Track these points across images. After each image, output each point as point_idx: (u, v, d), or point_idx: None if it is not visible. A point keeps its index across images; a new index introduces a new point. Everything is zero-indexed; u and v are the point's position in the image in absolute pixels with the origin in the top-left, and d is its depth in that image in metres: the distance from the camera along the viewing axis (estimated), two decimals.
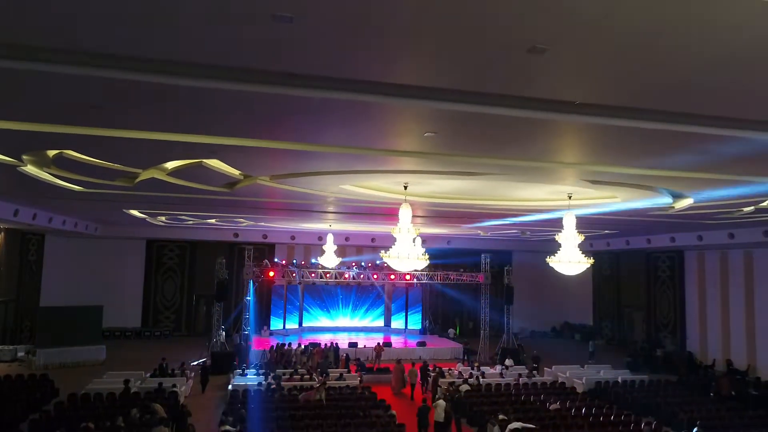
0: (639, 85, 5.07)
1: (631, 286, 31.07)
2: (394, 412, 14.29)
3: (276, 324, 29.66)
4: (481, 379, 18.63)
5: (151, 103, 6.01)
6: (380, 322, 31.94)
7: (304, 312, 31.00)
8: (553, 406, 15.06)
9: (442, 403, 13.93)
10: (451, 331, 29.79)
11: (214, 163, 9.64)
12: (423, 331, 30.66)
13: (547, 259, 12.90)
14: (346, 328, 30.80)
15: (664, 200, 12.61)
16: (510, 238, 29.63)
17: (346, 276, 27.31)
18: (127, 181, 11.75)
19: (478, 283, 26.43)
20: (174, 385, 15.98)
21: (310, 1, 3.55)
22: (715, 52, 4.17)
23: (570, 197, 12.84)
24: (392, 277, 27.02)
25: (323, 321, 31.08)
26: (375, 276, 27.25)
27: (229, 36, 4.19)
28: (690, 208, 13.77)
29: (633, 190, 11.74)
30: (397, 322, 31.96)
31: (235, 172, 10.74)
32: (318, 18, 3.80)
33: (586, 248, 30.62)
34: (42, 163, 10.24)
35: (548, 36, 4.02)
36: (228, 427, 12.35)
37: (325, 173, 10.66)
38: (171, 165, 10.30)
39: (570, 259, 12.32)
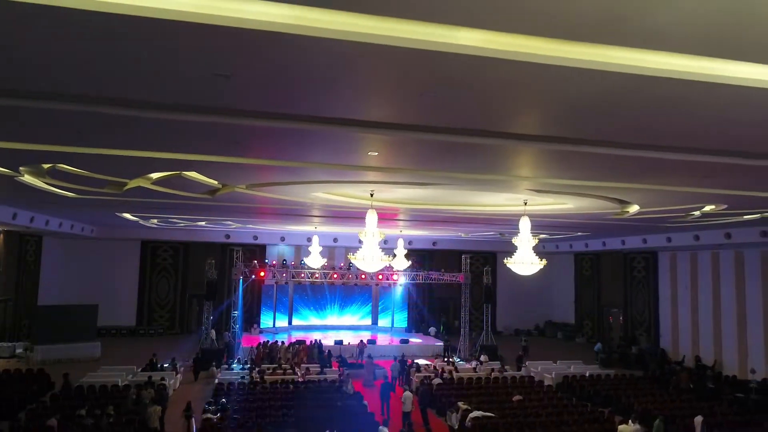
0: (531, 116, 6.15)
1: (610, 286, 32.16)
2: (366, 402, 15.38)
3: (266, 322, 30.73)
4: (454, 374, 19.70)
5: (130, 129, 7.08)
6: (368, 321, 33.02)
7: (293, 311, 32.05)
8: (515, 398, 16.12)
9: (409, 395, 15.01)
10: (432, 329, 30.86)
11: (192, 174, 10.70)
12: (409, 329, 31.78)
13: (505, 260, 13.96)
14: (335, 326, 31.81)
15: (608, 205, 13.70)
16: (493, 239, 30.68)
17: (335, 276, 28.36)
18: (116, 188, 12.80)
19: (459, 282, 27.49)
20: (162, 378, 17.04)
21: (239, 64, 4.61)
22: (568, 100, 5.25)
23: (526, 203, 13.92)
24: (380, 276, 28.19)
25: (312, 319, 32.09)
26: (362, 276, 28.30)
27: (186, 85, 5.25)
28: (640, 212, 14.84)
29: (579, 197, 12.84)
30: (384, 321, 33.03)
31: (213, 181, 11.80)
32: (249, 75, 4.87)
33: (566, 249, 32.07)
34: (37, 173, 11.31)
35: (425, 85, 5.08)
36: (209, 415, 13.53)
37: (295, 183, 11.73)
38: (154, 175, 11.35)
39: (524, 261, 13.37)
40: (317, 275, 27.58)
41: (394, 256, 23.33)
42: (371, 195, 12.97)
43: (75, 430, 12.32)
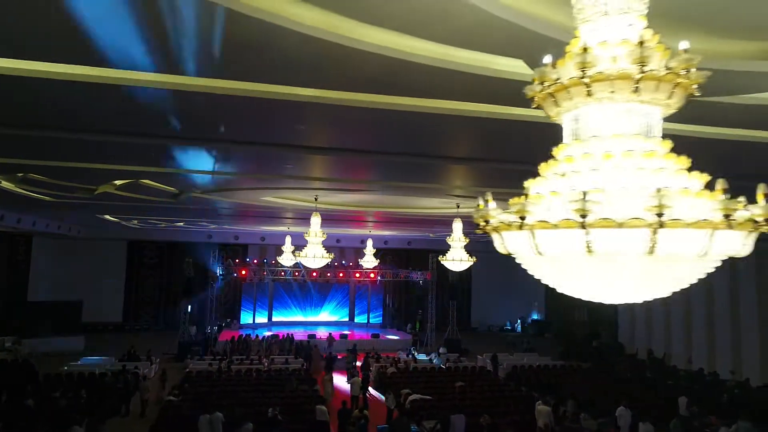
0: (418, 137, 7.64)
1: None
2: (318, 387, 16.88)
3: (246, 318, 32.20)
4: (411, 364, 21.18)
5: (85, 149, 8.60)
6: (345, 318, 34.50)
7: (273, 307, 33.50)
8: (457, 384, 17.56)
9: (357, 380, 16.50)
10: (408, 325, 32.40)
11: (147, 181, 12.18)
12: (383, 325, 33.31)
13: (439, 258, 15.43)
14: (313, 322, 33.24)
15: None
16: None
17: (313, 274, 29.75)
18: (87, 193, 14.28)
19: (426, 280, 28.98)
20: (136, 367, 18.53)
21: (138, 104, 6.11)
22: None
23: (458, 206, 15.37)
24: (357, 275, 29.78)
25: (291, 316, 33.54)
26: (340, 274, 29.79)
27: (127, 118, 6.77)
28: None
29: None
30: (361, 317, 34.51)
31: (171, 188, 13.27)
32: (150, 110, 6.38)
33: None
34: (13, 180, 12.80)
35: (296, 121, 6.58)
36: (172, 398, 15.01)
37: (243, 189, 13.22)
38: (118, 182, 12.84)
39: (454, 258, 14.84)
40: (296, 273, 28.98)
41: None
42: (315, 199, 14.43)
43: (49, 410, 13.79)
